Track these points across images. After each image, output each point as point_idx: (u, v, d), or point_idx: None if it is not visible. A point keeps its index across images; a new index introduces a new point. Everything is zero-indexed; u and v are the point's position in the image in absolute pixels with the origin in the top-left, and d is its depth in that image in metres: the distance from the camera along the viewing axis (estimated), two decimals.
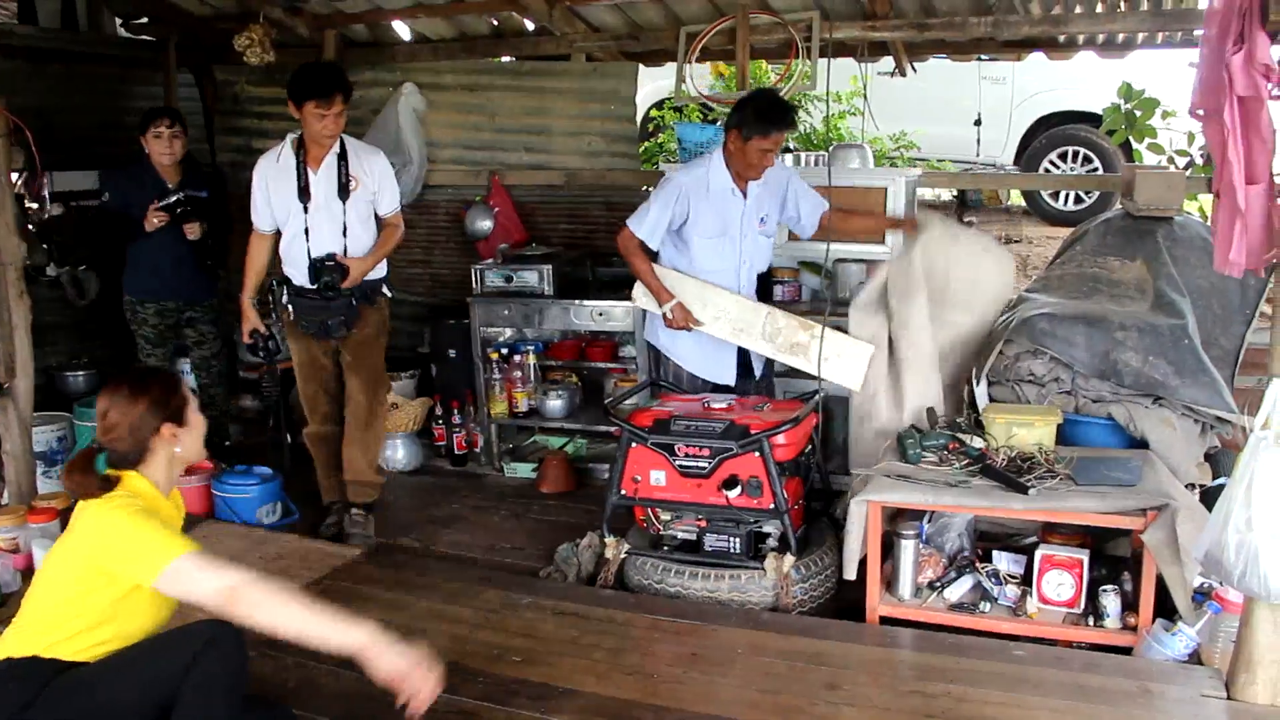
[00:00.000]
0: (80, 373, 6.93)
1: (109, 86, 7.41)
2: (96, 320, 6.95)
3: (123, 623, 2.76)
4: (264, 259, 4.95)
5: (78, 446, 5.63)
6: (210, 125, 7.69)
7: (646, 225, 4.73)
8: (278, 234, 4.91)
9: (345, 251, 4.79)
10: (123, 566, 2.69)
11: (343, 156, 4.78)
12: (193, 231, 5.60)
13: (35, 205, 6.60)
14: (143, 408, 2.83)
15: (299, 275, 4.84)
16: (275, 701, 3.25)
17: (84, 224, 6.78)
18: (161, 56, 7.36)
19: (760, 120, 4.54)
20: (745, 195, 4.73)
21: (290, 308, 4.89)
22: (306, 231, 4.77)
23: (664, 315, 4.76)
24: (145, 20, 7.37)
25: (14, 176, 5.06)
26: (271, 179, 4.80)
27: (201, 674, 2.64)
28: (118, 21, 7.45)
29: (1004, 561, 4.09)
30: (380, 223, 4.95)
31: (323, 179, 4.76)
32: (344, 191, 4.76)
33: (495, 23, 6.88)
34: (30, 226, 6.24)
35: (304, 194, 4.75)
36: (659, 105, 9.12)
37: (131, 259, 5.84)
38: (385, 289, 5.06)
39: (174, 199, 5.58)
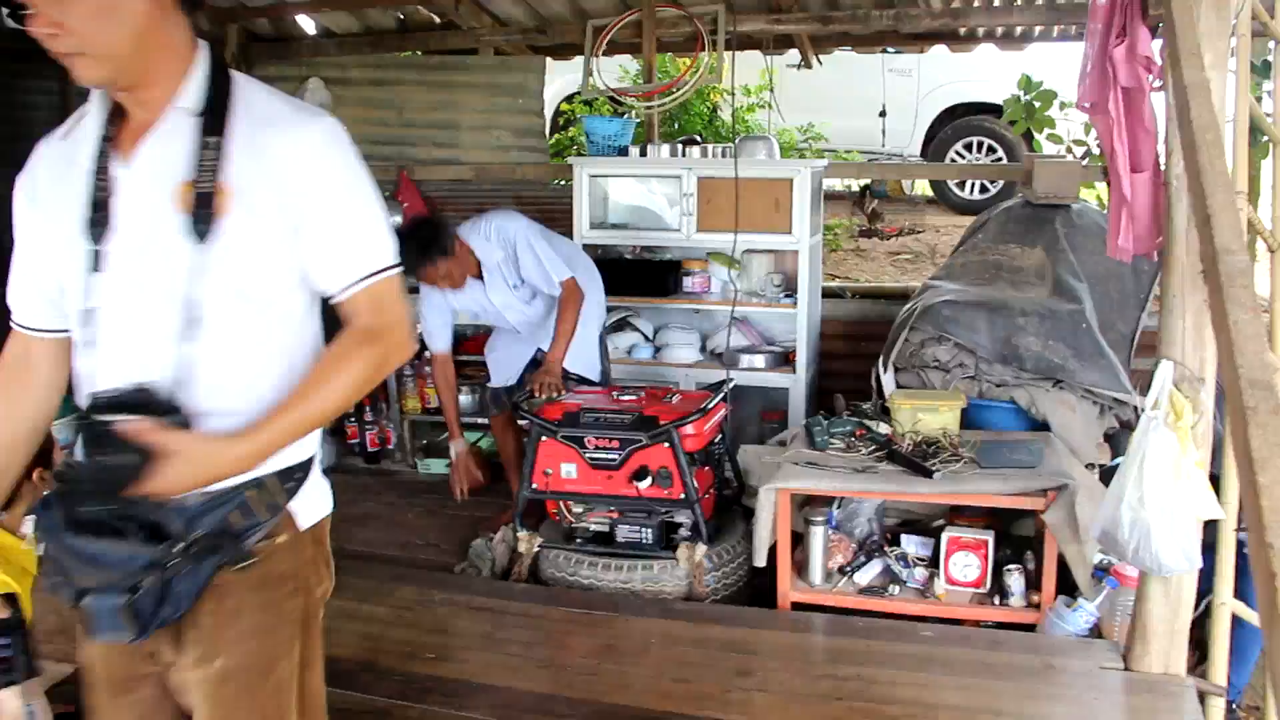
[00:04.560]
0: None
1: None
2: None
3: None
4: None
5: None
6: None
7: (428, 337, 4.90)
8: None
9: (182, 385, 1.80)
10: None
11: (212, 126, 1.81)
12: None
13: None
14: None
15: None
16: None
17: None
18: None
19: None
20: (481, 280, 4.73)
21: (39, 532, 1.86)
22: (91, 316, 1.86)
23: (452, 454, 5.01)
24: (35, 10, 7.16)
25: None
26: (39, 198, 1.93)
27: None
28: (4, 11, 7.23)
29: (912, 545, 4.17)
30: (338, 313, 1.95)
31: (145, 177, 1.82)
32: (202, 216, 1.77)
33: (401, 16, 6.84)
34: None
35: (96, 222, 1.83)
36: (569, 99, 9.11)
37: None
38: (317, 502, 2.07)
39: None
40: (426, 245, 4.49)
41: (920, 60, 8.68)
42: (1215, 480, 3.06)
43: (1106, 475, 4.13)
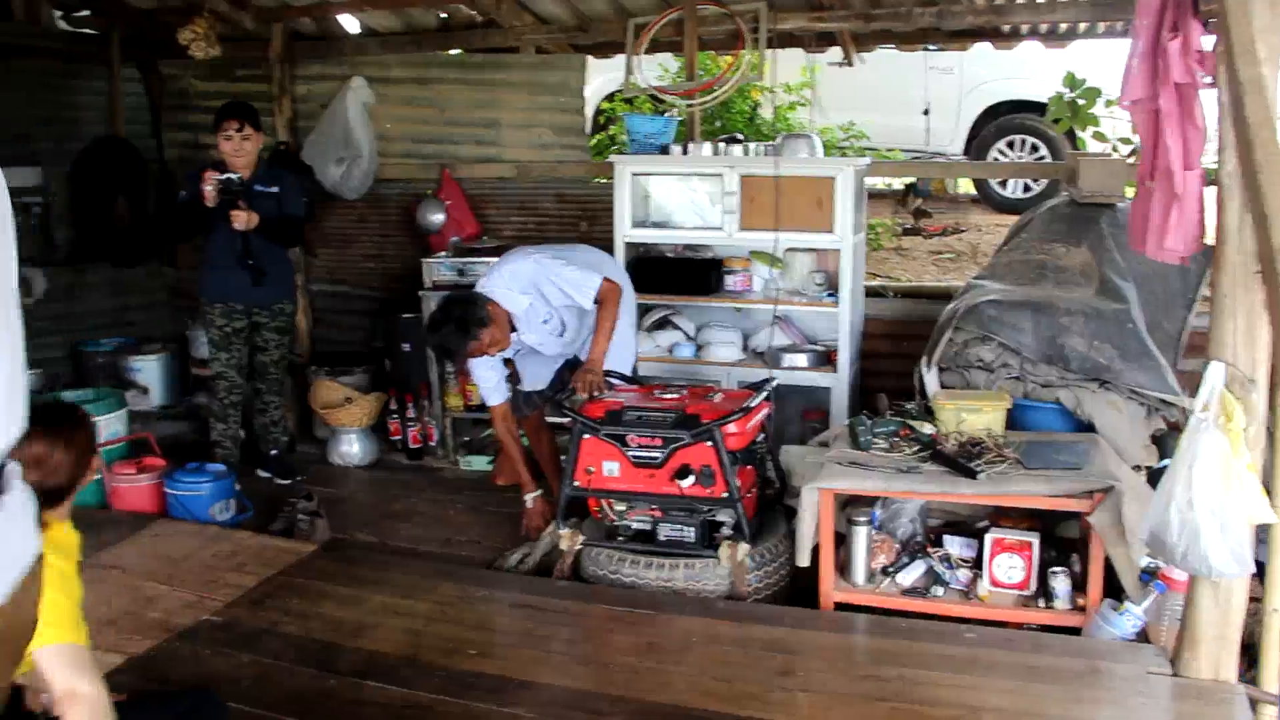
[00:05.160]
0: (29, 371, 6.79)
1: (49, 80, 7.27)
2: (41, 321, 6.83)
3: None
4: None
5: None
6: (157, 121, 7.59)
7: (486, 394, 4.88)
8: None
9: None
10: None
11: None
12: (238, 219, 5.36)
13: None
14: (81, 442, 2.69)
15: None
16: (201, 688, 3.21)
17: (27, 222, 6.67)
18: (105, 50, 7.25)
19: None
20: (514, 330, 4.72)
21: None
22: None
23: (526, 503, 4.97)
24: (87, 12, 7.26)
25: None
26: None
27: None
28: (57, 14, 7.32)
29: (955, 545, 4.14)
30: None
31: None
32: None
33: (443, 15, 6.86)
34: None
35: None
36: (610, 98, 9.12)
37: (203, 260, 5.68)
38: None
39: (227, 176, 5.35)
40: (464, 323, 4.47)
41: (963, 58, 8.61)
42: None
43: (1154, 477, 4.09)
